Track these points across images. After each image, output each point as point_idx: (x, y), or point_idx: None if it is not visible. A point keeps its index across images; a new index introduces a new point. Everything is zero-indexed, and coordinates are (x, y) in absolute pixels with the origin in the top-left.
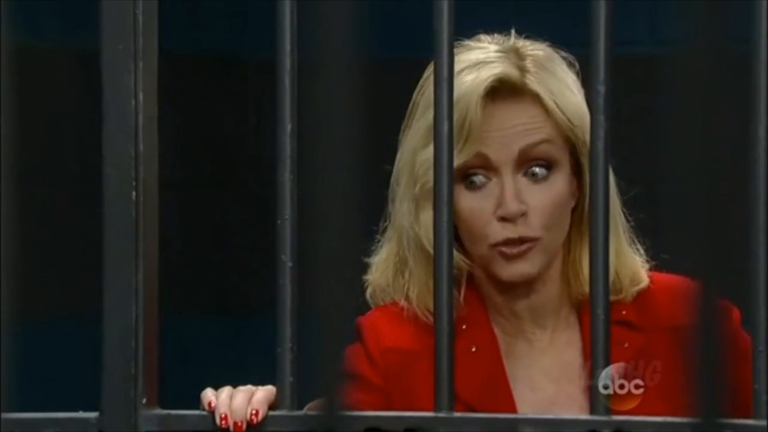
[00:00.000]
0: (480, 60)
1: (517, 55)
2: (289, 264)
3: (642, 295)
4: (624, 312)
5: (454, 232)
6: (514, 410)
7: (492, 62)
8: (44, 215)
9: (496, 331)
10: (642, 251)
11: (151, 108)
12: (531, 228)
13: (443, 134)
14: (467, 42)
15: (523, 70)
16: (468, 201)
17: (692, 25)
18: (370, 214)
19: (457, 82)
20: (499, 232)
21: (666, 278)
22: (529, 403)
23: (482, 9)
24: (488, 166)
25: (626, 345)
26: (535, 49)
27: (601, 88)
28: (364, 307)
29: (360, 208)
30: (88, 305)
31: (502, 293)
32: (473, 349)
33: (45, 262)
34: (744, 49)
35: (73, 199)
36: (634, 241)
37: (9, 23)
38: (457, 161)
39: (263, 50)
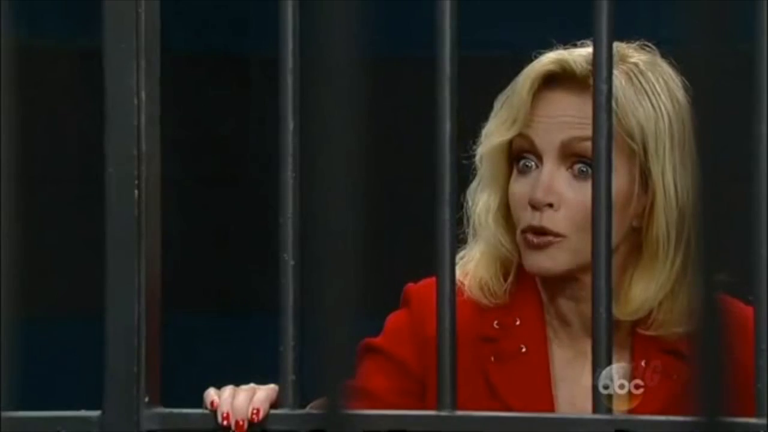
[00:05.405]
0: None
1: (621, 59)
2: (292, 263)
3: None
4: (676, 341)
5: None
6: None
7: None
8: (46, 214)
9: (549, 334)
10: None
11: (154, 107)
12: (555, 222)
13: (444, 134)
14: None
15: None
16: (515, 184)
17: (694, 24)
18: (371, 213)
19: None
20: (527, 217)
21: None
22: None
23: (481, 8)
24: (535, 152)
25: (675, 377)
26: (641, 55)
27: (604, 87)
28: (369, 305)
29: (360, 205)
30: (91, 304)
31: (545, 292)
32: (523, 350)
33: (47, 260)
34: (745, 48)
35: (75, 198)
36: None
37: (10, 22)
38: (503, 137)
39: (266, 49)
